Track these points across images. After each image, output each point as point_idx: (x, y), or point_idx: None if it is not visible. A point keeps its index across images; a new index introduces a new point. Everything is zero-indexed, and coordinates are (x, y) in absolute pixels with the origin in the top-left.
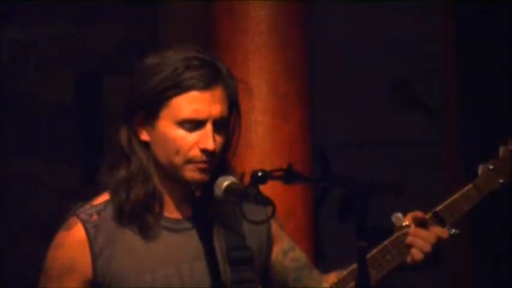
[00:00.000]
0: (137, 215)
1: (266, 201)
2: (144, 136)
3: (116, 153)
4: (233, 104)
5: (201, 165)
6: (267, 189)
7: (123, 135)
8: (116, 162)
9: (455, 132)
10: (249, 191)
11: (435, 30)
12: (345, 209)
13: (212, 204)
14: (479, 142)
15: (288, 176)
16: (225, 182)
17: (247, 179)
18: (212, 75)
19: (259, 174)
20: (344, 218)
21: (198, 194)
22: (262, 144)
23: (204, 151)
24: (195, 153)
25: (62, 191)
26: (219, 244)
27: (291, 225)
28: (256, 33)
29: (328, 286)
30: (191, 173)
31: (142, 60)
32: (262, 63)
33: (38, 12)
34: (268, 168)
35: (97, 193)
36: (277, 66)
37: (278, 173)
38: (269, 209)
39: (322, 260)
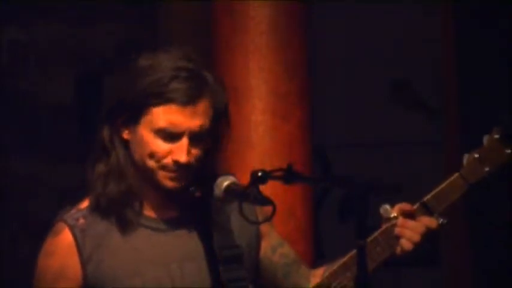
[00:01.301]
0: (114, 210)
1: (266, 201)
2: (126, 135)
3: (97, 149)
4: (220, 113)
5: (173, 174)
6: (267, 189)
7: (105, 132)
8: (97, 157)
9: (455, 132)
10: (249, 191)
11: (435, 30)
12: (345, 209)
13: (203, 203)
14: (479, 142)
15: (288, 176)
16: (225, 182)
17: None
18: (197, 89)
19: (259, 174)
20: (344, 218)
21: (198, 194)
22: (262, 144)
23: (175, 162)
24: (168, 161)
25: (62, 191)
26: (208, 243)
27: (291, 225)
28: (256, 33)
29: (317, 280)
30: (164, 180)
31: (136, 59)
32: (262, 63)
33: (38, 12)
34: (268, 168)
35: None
36: (277, 66)
37: (278, 173)
38: (262, 208)
39: (321, 260)
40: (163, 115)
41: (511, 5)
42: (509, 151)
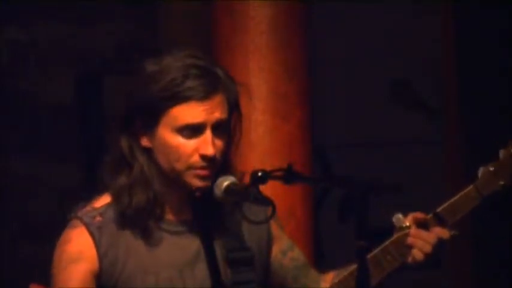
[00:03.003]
0: (139, 220)
1: (266, 201)
2: (145, 142)
3: (117, 158)
4: (233, 107)
5: (202, 173)
6: (267, 189)
7: (123, 141)
8: (117, 167)
9: (455, 132)
10: (249, 191)
11: (435, 30)
12: (345, 209)
13: (212, 205)
14: (479, 142)
15: (288, 176)
16: (225, 182)
17: (248, 179)
18: (211, 84)
19: (259, 174)
20: (344, 218)
21: (198, 194)
22: (262, 144)
23: (203, 157)
24: (195, 159)
25: (62, 191)
26: (219, 245)
27: (291, 225)
28: (256, 33)
29: (327, 286)
30: (193, 180)
31: (141, 65)
32: (262, 63)
33: (38, 12)
34: (268, 168)
35: (97, 194)
36: (277, 66)
37: (278, 173)
38: (269, 209)
39: (321, 260)
40: (183, 112)
41: (511, 5)
42: None
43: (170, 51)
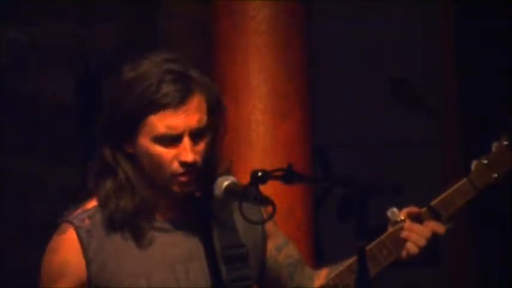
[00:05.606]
0: (128, 223)
1: (266, 201)
2: (129, 149)
3: (102, 164)
4: (214, 106)
5: (184, 179)
6: (267, 189)
7: (106, 150)
8: (102, 173)
9: (455, 132)
10: (249, 191)
11: (435, 30)
12: (344, 209)
13: (207, 203)
14: (479, 142)
15: (288, 176)
16: (225, 182)
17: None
18: (186, 88)
19: (259, 174)
20: (343, 217)
21: (198, 194)
22: (263, 144)
23: (183, 164)
24: (176, 166)
25: (62, 191)
26: (213, 243)
27: (291, 225)
28: (256, 33)
29: (321, 282)
30: (177, 187)
31: (121, 72)
32: (262, 63)
33: (38, 12)
34: (268, 168)
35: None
36: (277, 66)
37: (278, 173)
38: (267, 208)
39: (321, 260)
40: (159, 121)
41: (511, 5)
42: None
43: (147, 56)
